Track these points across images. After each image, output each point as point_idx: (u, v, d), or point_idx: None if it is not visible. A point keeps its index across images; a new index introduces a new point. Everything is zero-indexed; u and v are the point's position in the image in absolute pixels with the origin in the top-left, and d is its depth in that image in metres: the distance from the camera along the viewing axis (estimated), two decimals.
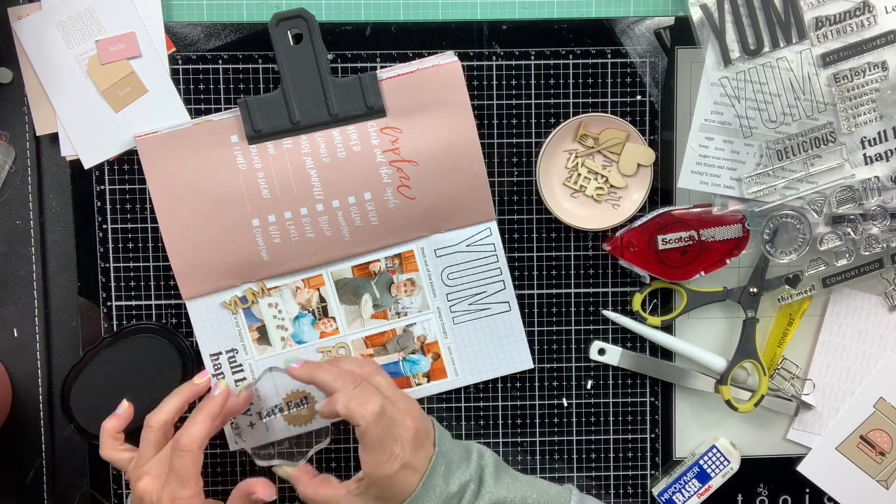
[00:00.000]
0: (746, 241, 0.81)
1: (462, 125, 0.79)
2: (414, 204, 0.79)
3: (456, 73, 0.78)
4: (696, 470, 0.83)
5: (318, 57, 0.78)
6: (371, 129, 0.78)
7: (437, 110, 0.78)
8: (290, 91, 0.78)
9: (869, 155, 0.78)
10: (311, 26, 0.77)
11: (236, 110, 0.78)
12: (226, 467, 0.83)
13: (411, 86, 0.78)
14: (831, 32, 0.76)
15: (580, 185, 0.81)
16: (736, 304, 0.83)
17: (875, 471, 0.85)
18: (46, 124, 0.79)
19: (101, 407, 0.77)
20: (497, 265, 0.82)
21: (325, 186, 0.79)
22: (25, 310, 0.81)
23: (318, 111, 0.78)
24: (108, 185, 0.80)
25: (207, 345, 0.81)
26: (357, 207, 0.79)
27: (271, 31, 0.77)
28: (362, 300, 0.82)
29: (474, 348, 0.83)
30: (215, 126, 0.78)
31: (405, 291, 0.82)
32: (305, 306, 0.81)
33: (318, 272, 0.81)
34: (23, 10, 0.78)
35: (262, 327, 0.81)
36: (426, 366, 0.83)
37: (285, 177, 0.78)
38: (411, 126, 0.78)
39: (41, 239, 0.80)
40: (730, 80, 0.77)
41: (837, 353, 0.84)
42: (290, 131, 0.78)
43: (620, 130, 0.80)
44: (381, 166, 0.78)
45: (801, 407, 0.85)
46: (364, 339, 0.82)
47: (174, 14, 0.80)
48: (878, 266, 0.81)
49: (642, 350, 0.84)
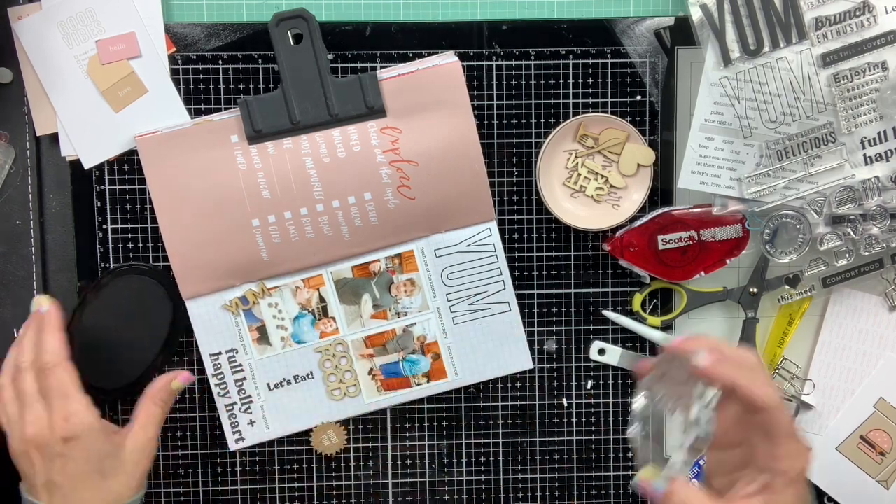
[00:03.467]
0: (746, 241, 0.81)
1: (462, 125, 0.79)
2: (414, 204, 0.79)
3: (456, 73, 0.78)
4: (696, 470, 0.83)
5: (319, 57, 0.78)
6: (371, 129, 0.78)
7: (437, 110, 0.78)
8: (291, 91, 0.78)
9: (869, 155, 0.78)
10: (311, 26, 0.77)
11: (236, 110, 0.78)
12: (226, 467, 0.83)
13: (411, 86, 0.78)
14: (831, 32, 0.76)
15: (580, 186, 0.81)
16: (736, 304, 0.83)
17: (875, 471, 0.85)
18: (46, 124, 0.79)
19: (102, 359, 0.78)
20: (497, 265, 0.82)
21: (325, 186, 0.79)
22: (25, 310, 0.81)
23: (319, 111, 0.78)
24: (108, 185, 0.80)
25: (207, 344, 0.81)
26: (357, 207, 0.79)
27: (271, 31, 0.77)
28: (362, 300, 0.82)
29: (474, 348, 0.83)
30: (215, 126, 0.78)
31: (405, 291, 0.82)
32: (305, 306, 0.81)
33: (318, 272, 0.81)
34: (23, 10, 0.78)
35: (262, 327, 0.81)
36: (426, 366, 0.83)
37: (285, 177, 0.78)
38: (411, 126, 0.78)
39: (41, 239, 0.80)
40: (730, 80, 0.77)
41: (837, 353, 0.84)
42: (290, 131, 0.78)
43: (620, 130, 0.80)
44: (381, 166, 0.78)
45: (801, 407, 0.85)
46: (364, 338, 0.82)
47: (174, 14, 0.80)
48: (878, 266, 0.81)
49: (642, 350, 0.84)
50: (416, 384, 0.83)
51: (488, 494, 0.85)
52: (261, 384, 0.82)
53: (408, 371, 0.83)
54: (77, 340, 0.79)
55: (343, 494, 0.84)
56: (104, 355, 0.79)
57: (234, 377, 0.82)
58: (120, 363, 0.79)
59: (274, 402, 0.82)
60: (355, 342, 0.82)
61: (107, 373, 0.79)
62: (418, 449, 0.84)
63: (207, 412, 0.82)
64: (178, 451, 0.83)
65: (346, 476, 0.84)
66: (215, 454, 0.83)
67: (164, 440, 0.82)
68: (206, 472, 0.83)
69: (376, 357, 0.82)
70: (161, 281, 0.80)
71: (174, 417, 0.82)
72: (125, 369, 0.79)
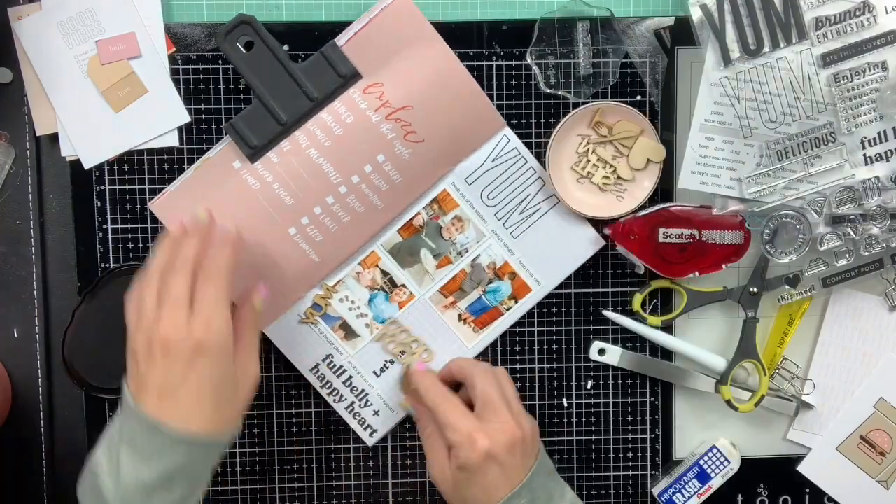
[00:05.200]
0: (745, 250, 0.81)
1: (436, 53, 0.78)
2: (426, 146, 0.79)
3: (407, 6, 0.77)
4: (696, 470, 0.83)
5: (276, 53, 0.77)
6: (355, 95, 0.78)
7: (406, 48, 0.78)
8: (265, 96, 0.77)
9: (869, 155, 0.78)
10: (256, 28, 0.77)
11: (227, 139, 0.78)
12: (226, 467, 0.83)
13: (371, 37, 0.77)
14: (831, 32, 0.76)
15: (588, 172, 0.81)
16: (736, 304, 0.83)
17: (875, 471, 0.85)
18: (46, 124, 0.79)
19: (102, 359, 0.78)
20: (528, 166, 0.81)
21: (338, 168, 0.78)
22: (25, 310, 0.81)
23: (299, 102, 0.78)
24: (108, 185, 0.80)
25: (301, 362, 0.82)
26: (376, 173, 0.79)
27: (222, 48, 0.77)
28: (421, 256, 0.82)
29: (543, 251, 0.82)
30: (214, 161, 0.78)
31: (456, 230, 0.81)
32: (373, 286, 0.82)
33: (370, 249, 0.81)
34: (23, 10, 0.78)
35: (344, 323, 0.82)
36: (507, 289, 0.82)
37: (298, 176, 0.78)
38: (390, 75, 0.78)
39: (41, 239, 0.80)
40: (730, 80, 0.77)
41: (837, 354, 0.84)
42: (283, 133, 0.78)
43: (635, 123, 0.80)
44: (380, 125, 0.78)
45: (802, 407, 0.84)
46: (439, 291, 0.82)
47: (174, 14, 0.80)
48: (878, 266, 0.81)
49: (642, 350, 0.84)
50: (506, 309, 0.83)
51: None
52: (367, 375, 0.82)
53: (493, 301, 0.82)
54: (75, 340, 0.79)
55: (343, 494, 0.84)
56: (102, 355, 0.79)
57: (340, 380, 0.82)
58: (118, 363, 0.79)
59: (386, 386, 0.83)
60: (434, 297, 0.82)
61: (105, 373, 0.79)
62: (418, 449, 0.84)
63: None
64: None
65: (345, 476, 0.84)
66: None
67: None
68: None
69: (458, 302, 0.82)
70: None
71: None
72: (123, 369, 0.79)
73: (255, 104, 0.78)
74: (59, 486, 0.82)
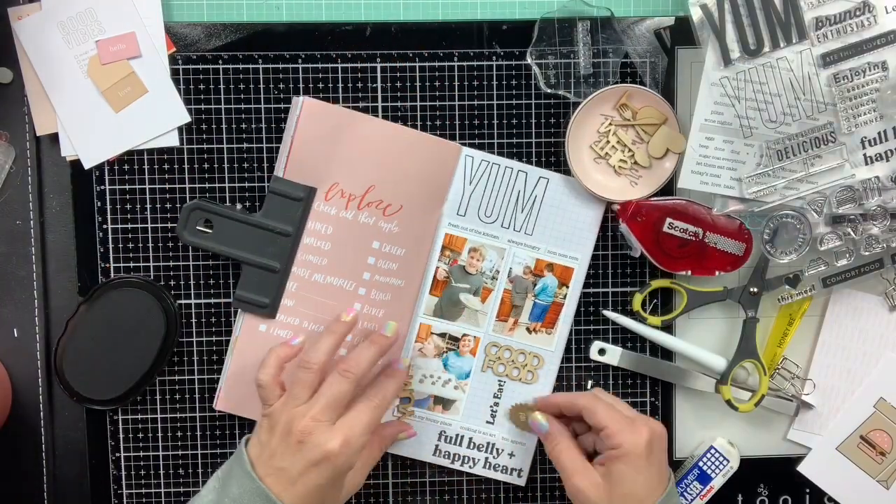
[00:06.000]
0: (742, 262, 0.81)
1: (365, 128, 0.79)
2: (407, 210, 0.80)
3: (316, 107, 0.78)
4: (697, 472, 0.83)
5: (234, 217, 0.79)
6: (321, 207, 0.79)
7: (338, 142, 0.78)
8: (249, 257, 0.79)
9: (869, 155, 0.78)
10: (206, 207, 0.78)
11: (242, 315, 0.80)
12: None
13: (302, 152, 0.78)
14: (831, 32, 0.76)
15: (606, 153, 0.81)
16: (736, 304, 0.83)
17: (875, 471, 0.85)
18: (46, 124, 0.79)
19: (94, 370, 0.79)
20: (503, 166, 0.81)
21: (347, 276, 0.80)
22: (25, 310, 0.81)
23: (280, 244, 0.79)
24: (108, 185, 0.80)
25: (419, 453, 0.83)
26: (381, 260, 0.81)
27: (186, 239, 0.79)
28: (463, 301, 0.82)
29: (562, 232, 0.82)
30: (243, 339, 0.80)
31: (477, 260, 0.82)
32: (439, 352, 0.82)
33: (416, 325, 0.82)
34: (23, 10, 0.78)
35: (436, 398, 0.83)
36: (553, 280, 0.82)
37: (319, 305, 0.80)
38: (339, 171, 0.79)
39: (41, 239, 0.80)
40: (730, 80, 0.77)
41: (837, 353, 0.84)
42: (283, 279, 0.80)
43: (661, 111, 0.79)
44: (358, 217, 0.80)
45: (802, 407, 0.85)
46: (497, 320, 0.82)
47: (174, 14, 0.80)
48: (878, 266, 0.81)
49: (642, 350, 0.84)
50: (563, 297, 0.83)
51: (488, 494, 0.85)
52: (483, 428, 0.84)
53: (548, 298, 0.82)
54: (71, 351, 0.79)
55: None
56: (98, 366, 0.79)
57: (462, 447, 0.84)
58: (114, 374, 0.79)
59: (503, 428, 0.84)
60: (495, 328, 0.82)
61: (100, 384, 0.79)
62: None
63: (207, 412, 0.82)
64: (178, 451, 0.83)
65: None
66: (215, 454, 0.83)
67: (163, 440, 0.82)
68: (206, 472, 0.83)
69: (519, 319, 0.82)
70: (155, 293, 0.80)
71: (174, 418, 0.82)
72: (119, 380, 0.79)
73: (245, 269, 0.79)
74: (59, 486, 0.82)
